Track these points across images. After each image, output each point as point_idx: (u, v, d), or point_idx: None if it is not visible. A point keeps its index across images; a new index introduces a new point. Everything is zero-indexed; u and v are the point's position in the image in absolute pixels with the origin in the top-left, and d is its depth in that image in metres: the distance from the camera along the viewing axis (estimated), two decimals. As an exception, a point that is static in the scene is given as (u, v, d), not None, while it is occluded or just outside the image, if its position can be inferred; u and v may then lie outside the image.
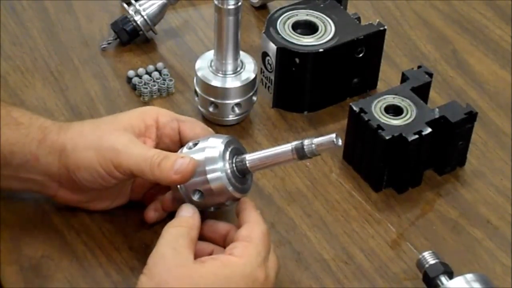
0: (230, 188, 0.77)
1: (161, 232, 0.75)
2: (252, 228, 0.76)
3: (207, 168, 0.77)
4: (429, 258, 0.78)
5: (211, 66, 0.93)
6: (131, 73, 1.00)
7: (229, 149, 0.78)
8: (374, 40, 0.96)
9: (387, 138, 0.85)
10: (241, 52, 0.93)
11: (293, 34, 0.94)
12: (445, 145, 0.88)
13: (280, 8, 0.97)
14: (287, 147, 0.77)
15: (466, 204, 0.89)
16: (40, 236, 0.83)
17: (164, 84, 0.98)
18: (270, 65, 0.95)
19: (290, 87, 0.96)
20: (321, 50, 0.93)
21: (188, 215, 0.77)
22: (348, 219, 0.87)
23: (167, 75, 0.99)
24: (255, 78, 0.93)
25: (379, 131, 0.85)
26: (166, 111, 0.83)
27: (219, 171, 0.77)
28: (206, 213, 0.80)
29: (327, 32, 0.95)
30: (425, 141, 0.86)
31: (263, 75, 0.97)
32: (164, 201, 0.82)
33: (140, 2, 1.03)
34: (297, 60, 0.93)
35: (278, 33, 0.94)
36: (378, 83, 1.00)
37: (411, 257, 0.83)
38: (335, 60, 0.95)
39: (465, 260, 0.84)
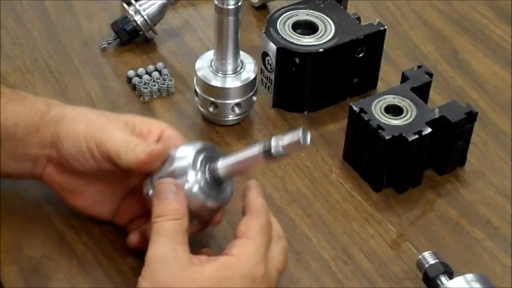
0: (206, 201, 0.74)
1: (154, 226, 0.72)
2: (250, 222, 0.74)
3: (178, 181, 0.74)
4: (429, 258, 0.78)
5: (211, 66, 0.93)
6: (131, 73, 1.00)
7: (200, 158, 0.74)
8: (374, 40, 0.96)
9: (387, 138, 0.85)
10: (241, 52, 0.93)
11: (293, 34, 0.94)
12: (445, 145, 0.88)
13: (280, 8, 0.97)
14: (255, 148, 0.73)
15: (466, 204, 0.89)
16: (40, 236, 0.83)
17: (164, 84, 0.98)
18: (270, 65, 0.95)
19: (290, 87, 0.96)
20: (321, 50, 0.93)
21: (173, 197, 0.73)
22: (348, 219, 0.87)
23: (167, 75, 0.99)
24: (255, 78, 0.93)
25: (379, 131, 0.85)
26: (176, 132, 0.81)
27: (190, 183, 0.73)
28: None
29: (327, 32, 0.95)
30: (425, 141, 0.86)
31: (263, 75, 0.97)
32: (148, 229, 0.77)
33: (140, 2, 1.03)
34: (297, 60, 0.93)
35: (278, 33, 0.94)
36: (378, 83, 1.00)
37: (411, 257, 0.83)
38: (335, 60, 0.94)
39: (465, 260, 0.84)
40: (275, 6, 1.04)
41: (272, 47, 0.93)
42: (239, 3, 0.88)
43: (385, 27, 0.96)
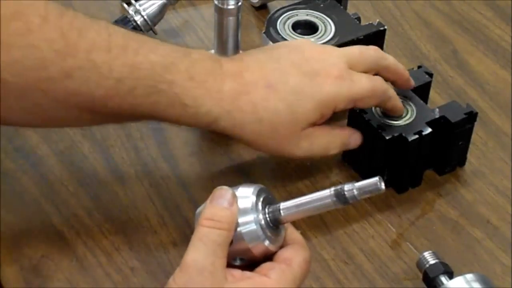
0: (266, 242, 0.71)
1: (199, 228, 0.69)
2: (296, 252, 0.72)
3: (240, 220, 0.71)
4: (429, 258, 0.78)
5: (211, 66, 0.93)
6: (131, 73, 0.99)
7: (261, 199, 0.72)
8: (374, 40, 0.96)
9: (387, 138, 0.85)
10: (241, 52, 0.93)
11: (293, 34, 0.94)
12: (445, 145, 0.88)
13: (280, 8, 0.97)
14: (325, 193, 0.71)
15: (466, 204, 0.89)
16: (40, 236, 0.83)
17: (164, 84, 0.98)
18: (270, 65, 0.95)
19: (290, 87, 0.96)
20: (321, 50, 0.93)
21: (226, 205, 0.71)
22: (348, 219, 0.87)
23: (167, 75, 0.99)
24: (255, 78, 0.93)
25: (380, 131, 0.85)
26: (346, 96, 0.81)
27: (252, 223, 0.71)
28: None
29: (327, 32, 0.95)
30: (425, 141, 0.86)
31: (263, 75, 0.97)
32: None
33: (140, 2, 1.03)
34: (297, 60, 0.93)
35: (278, 33, 0.94)
36: (378, 83, 1.01)
37: (411, 257, 0.83)
38: (335, 60, 0.95)
39: (465, 260, 0.84)
40: (275, 6, 1.04)
41: (272, 47, 0.93)
42: (239, 3, 0.88)
43: (385, 27, 0.96)
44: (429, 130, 0.85)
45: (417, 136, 0.85)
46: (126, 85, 0.75)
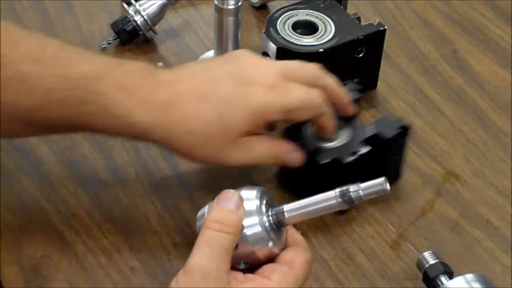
0: (270, 244, 0.71)
1: (205, 230, 0.69)
2: (298, 254, 0.72)
3: (244, 223, 0.71)
4: (429, 258, 0.78)
5: (211, 66, 0.93)
6: (131, 73, 0.99)
7: (264, 201, 0.72)
8: (374, 40, 0.96)
9: (322, 162, 0.82)
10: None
11: (293, 34, 0.94)
12: (380, 161, 0.86)
13: (280, 8, 0.97)
14: (330, 194, 0.71)
15: (466, 204, 0.89)
16: (40, 236, 0.83)
17: (164, 84, 0.98)
18: (270, 65, 0.95)
19: (290, 87, 0.96)
20: (321, 50, 0.93)
21: (233, 207, 0.70)
22: (348, 219, 0.87)
23: (167, 75, 0.99)
24: (255, 78, 0.93)
25: (314, 155, 0.83)
26: (279, 105, 0.79)
27: (258, 225, 0.71)
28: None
29: (327, 32, 0.95)
30: (361, 161, 0.83)
31: (263, 75, 0.97)
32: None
33: (140, 2, 1.03)
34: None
35: (278, 33, 0.94)
36: (378, 83, 1.00)
37: (411, 257, 0.83)
38: (335, 60, 0.94)
39: (465, 260, 0.84)
40: (275, 6, 1.04)
41: (272, 47, 0.93)
42: (239, 3, 0.88)
43: (385, 27, 0.96)
44: (364, 150, 0.83)
45: (353, 157, 0.83)
46: (56, 96, 0.75)
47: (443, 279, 0.77)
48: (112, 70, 0.78)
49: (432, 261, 0.78)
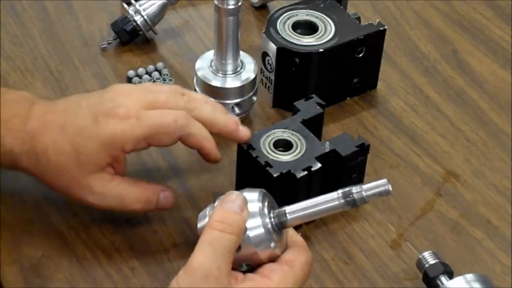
0: (272, 245, 0.71)
1: (208, 230, 0.70)
2: (298, 254, 0.72)
3: (247, 224, 0.71)
4: (429, 258, 0.78)
5: (211, 66, 0.93)
6: (131, 73, 1.00)
7: (266, 203, 0.72)
8: (374, 40, 0.96)
9: (275, 175, 0.80)
10: (241, 52, 0.93)
11: (293, 34, 0.94)
12: (338, 179, 0.84)
13: (280, 8, 0.97)
14: (333, 196, 0.70)
15: (466, 204, 0.89)
16: (40, 236, 0.83)
17: (164, 84, 0.98)
18: (270, 65, 0.95)
19: (290, 87, 0.96)
20: (321, 50, 0.93)
21: (237, 209, 0.70)
22: (348, 219, 0.87)
23: (167, 75, 0.99)
24: (255, 78, 0.93)
25: (267, 168, 0.81)
26: (131, 135, 0.78)
27: (261, 227, 0.71)
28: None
29: (327, 32, 0.95)
30: (315, 177, 0.82)
31: (263, 75, 0.97)
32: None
33: (140, 2, 1.03)
34: (297, 60, 0.93)
35: (278, 33, 0.94)
36: (378, 83, 1.01)
37: (411, 257, 0.83)
38: (335, 60, 0.95)
39: (465, 260, 0.84)
40: (275, 6, 1.04)
41: (272, 47, 0.93)
42: (239, 3, 0.88)
43: (385, 27, 0.96)
44: (318, 165, 0.81)
45: (306, 172, 0.81)
46: None
47: (443, 279, 0.77)
48: None
49: (432, 261, 0.78)
